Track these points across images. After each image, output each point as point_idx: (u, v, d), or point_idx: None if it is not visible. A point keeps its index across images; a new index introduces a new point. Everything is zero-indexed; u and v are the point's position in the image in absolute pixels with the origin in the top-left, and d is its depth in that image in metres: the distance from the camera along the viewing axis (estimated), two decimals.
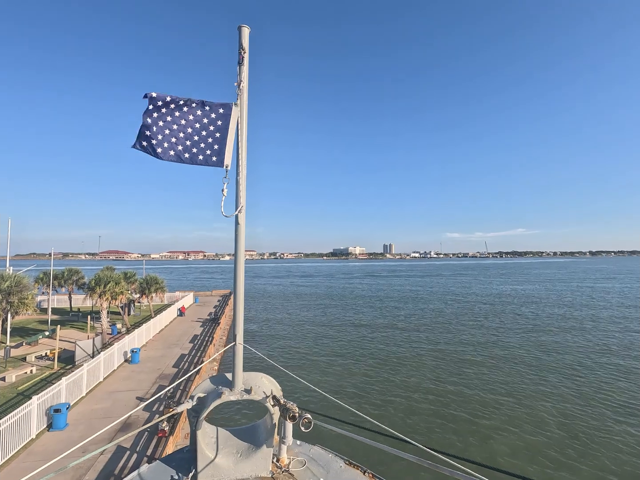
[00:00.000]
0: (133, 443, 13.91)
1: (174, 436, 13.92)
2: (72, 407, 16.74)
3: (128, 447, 13.62)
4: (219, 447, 2.42)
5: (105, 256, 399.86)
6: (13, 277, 24.38)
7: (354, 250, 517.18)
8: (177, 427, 14.60)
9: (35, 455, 13.02)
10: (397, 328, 39.75)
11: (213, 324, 36.86)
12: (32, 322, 37.06)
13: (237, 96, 2.65)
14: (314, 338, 35.32)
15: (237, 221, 2.61)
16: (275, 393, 2.41)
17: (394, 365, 26.76)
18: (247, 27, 2.68)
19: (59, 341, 24.43)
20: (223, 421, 16.61)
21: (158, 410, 16.69)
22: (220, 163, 2.53)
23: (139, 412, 16.70)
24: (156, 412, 16.54)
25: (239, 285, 2.65)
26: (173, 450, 13.46)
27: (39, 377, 21.19)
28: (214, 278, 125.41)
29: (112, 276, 30.36)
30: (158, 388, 19.63)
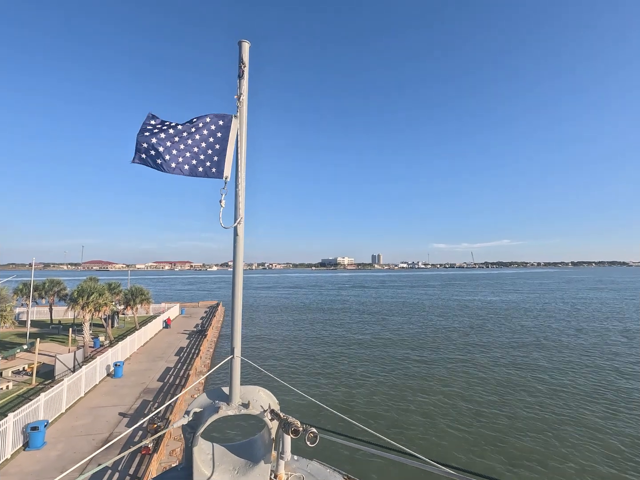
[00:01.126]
0: (115, 461, 13.36)
1: (158, 454, 13.45)
2: (51, 424, 16.05)
3: (110, 466, 13.08)
4: (215, 464, 2.33)
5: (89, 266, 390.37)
6: None
7: (343, 261, 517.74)
8: (162, 445, 14.12)
9: (9, 477, 12.35)
10: (393, 340, 39.66)
11: (200, 336, 36.14)
12: (10, 335, 35.65)
13: (237, 108, 2.68)
14: (304, 351, 34.93)
15: (235, 233, 2.59)
16: (273, 407, 2.34)
17: (390, 376, 26.68)
18: (247, 42, 2.74)
19: (38, 355, 23.54)
20: (219, 436, 16.13)
21: (142, 427, 16.14)
22: (219, 174, 2.53)
23: (122, 428, 16.11)
24: (139, 429, 15.98)
25: (237, 297, 2.60)
26: (157, 468, 12.99)
27: (15, 393, 20.29)
28: (200, 289, 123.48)
29: (95, 287, 29.60)
30: (142, 403, 19.01)
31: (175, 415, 17.04)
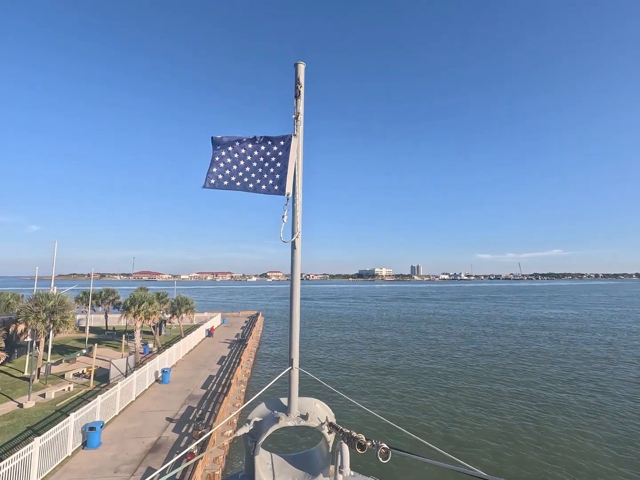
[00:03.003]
0: (162, 465, 13.89)
1: (203, 460, 13.80)
2: (106, 426, 17.08)
3: (157, 469, 13.60)
4: (275, 474, 2.37)
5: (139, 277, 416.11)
6: (57, 296, 25.78)
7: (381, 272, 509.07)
8: (206, 451, 14.49)
9: (71, 473, 13.27)
10: (444, 354, 38.19)
11: (240, 346, 37.00)
12: (71, 340, 38.74)
13: (295, 127, 2.82)
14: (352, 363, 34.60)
15: (294, 246, 2.70)
16: (330, 419, 2.35)
17: (447, 392, 25.85)
18: (302, 63, 2.90)
19: (95, 359, 25.30)
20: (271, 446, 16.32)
21: (187, 432, 16.70)
22: (282, 191, 2.67)
23: (169, 432, 16.78)
24: (185, 434, 16.55)
25: (295, 309, 2.66)
26: (201, 474, 13.32)
27: (75, 394, 21.90)
28: (240, 299, 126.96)
29: (145, 296, 31.47)
30: (187, 409, 19.71)
31: (218, 424, 17.46)
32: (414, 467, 15.23)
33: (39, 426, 17.30)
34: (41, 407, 19.78)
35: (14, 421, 17.96)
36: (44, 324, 24.42)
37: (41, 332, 24.71)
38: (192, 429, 16.58)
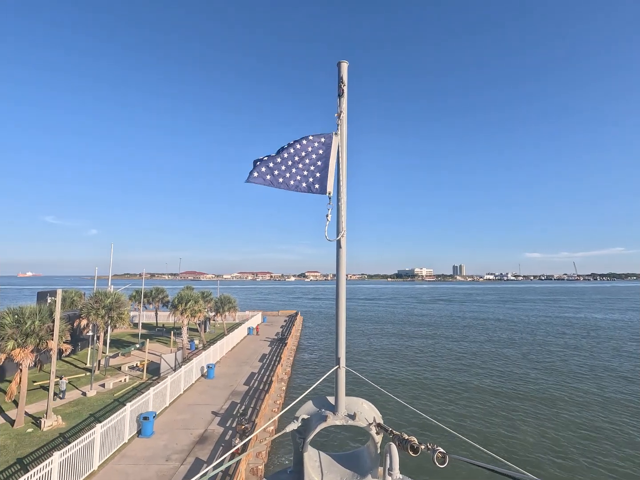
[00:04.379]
0: (209, 457, 14.53)
1: (247, 454, 14.23)
2: (158, 416, 18.15)
3: (205, 461, 14.26)
4: (323, 471, 2.38)
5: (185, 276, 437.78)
6: (113, 294, 27.85)
7: (421, 272, 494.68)
8: (250, 446, 14.92)
9: (127, 459, 14.27)
10: (494, 357, 36.58)
11: (280, 344, 37.72)
12: (126, 335, 41.69)
13: (337, 126, 2.81)
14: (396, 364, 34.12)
15: (339, 245, 2.69)
16: (377, 420, 2.32)
17: (502, 397, 24.95)
18: (345, 62, 2.88)
19: (147, 354, 27.01)
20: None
21: (231, 427, 17.32)
22: (323, 190, 2.67)
23: (214, 426, 17.50)
24: (229, 428, 17.17)
25: (341, 308, 2.66)
26: (245, 468, 13.74)
27: (131, 385, 23.53)
28: (280, 299, 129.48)
29: (191, 295, 33.06)
30: (231, 404, 20.44)
31: (260, 420, 17.93)
32: (469, 474, 14.61)
33: (99, 413, 18.81)
34: (101, 396, 21.49)
35: (78, 408, 19.68)
36: (102, 320, 26.50)
37: (100, 327, 26.85)
38: (236, 424, 17.16)
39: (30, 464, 13.86)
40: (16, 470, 13.55)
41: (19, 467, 13.73)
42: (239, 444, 14.74)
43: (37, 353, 18.39)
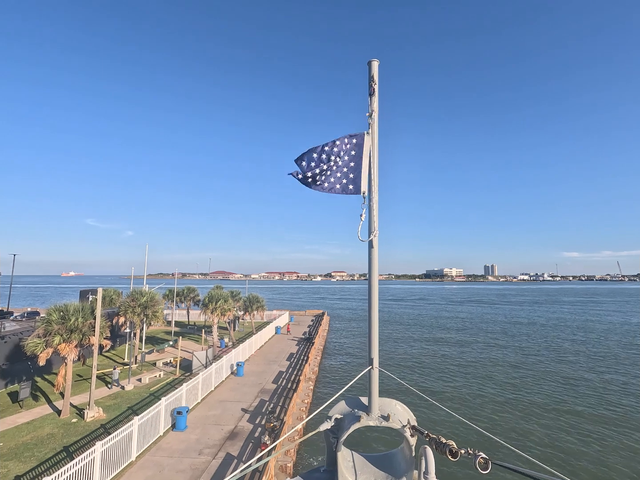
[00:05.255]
0: (239, 453, 14.86)
1: (276, 451, 14.40)
2: (190, 411, 18.77)
3: (235, 456, 14.59)
4: (357, 472, 2.38)
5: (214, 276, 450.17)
6: (149, 293, 29.10)
7: (450, 272, 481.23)
8: (279, 443, 15.11)
9: (163, 451, 14.87)
10: (533, 361, 35.12)
11: (307, 344, 37.94)
12: (160, 332, 43.44)
13: (369, 125, 2.81)
14: (428, 365, 33.53)
15: (371, 245, 2.69)
16: (412, 422, 2.29)
17: (544, 401, 23.88)
18: (376, 61, 2.88)
19: (180, 350, 28.01)
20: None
21: (260, 424, 17.62)
22: (357, 191, 2.68)
23: (244, 422, 17.88)
24: (259, 425, 17.48)
25: (373, 308, 2.66)
26: (274, 465, 13.93)
27: (165, 381, 24.49)
28: (306, 298, 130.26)
29: (221, 294, 33.97)
30: (260, 402, 20.80)
31: (289, 418, 18.12)
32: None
33: (137, 406, 19.71)
34: (138, 390, 22.51)
35: (117, 401, 20.72)
36: (139, 318, 27.76)
37: (137, 324, 28.13)
38: (265, 421, 17.42)
39: (75, 452, 14.75)
40: (63, 457, 14.47)
41: (66, 455, 14.65)
42: (269, 440, 14.97)
43: (80, 348, 19.56)
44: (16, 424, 17.43)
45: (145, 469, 13.52)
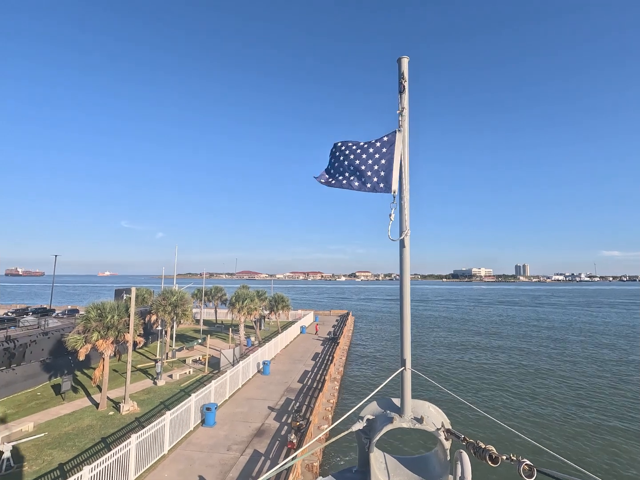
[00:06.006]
0: (266, 450, 15.08)
1: (302, 451, 14.50)
2: (219, 408, 19.25)
3: (262, 453, 14.82)
4: (390, 474, 2.37)
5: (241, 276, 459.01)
6: (178, 292, 30.11)
7: (479, 272, 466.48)
8: (305, 442, 15.22)
9: (193, 446, 15.33)
10: (574, 368, 33.23)
11: (332, 343, 37.94)
12: (189, 331, 44.81)
13: (399, 123, 2.78)
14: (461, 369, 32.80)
15: (402, 244, 2.66)
16: (446, 425, 2.25)
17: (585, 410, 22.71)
18: (406, 57, 2.84)
19: (208, 348, 28.78)
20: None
21: (286, 422, 17.80)
22: (387, 189, 2.65)
23: (271, 420, 18.13)
24: (285, 424, 17.67)
25: (406, 308, 2.63)
26: (300, 463, 14.03)
27: (194, 377, 25.25)
28: (330, 298, 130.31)
29: (248, 294, 34.59)
30: (286, 400, 21.01)
31: (314, 417, 18.20)
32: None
33: (168, 402, 20.45)
34: (169, 386, 23.34)
35: (150, 396, 21.57)
36: (169, 316, 28.79)
37: (168, 322, 29.18)
38: (291, 420, 17.59)
39: (112, 443, 15.50)
40: (101, 448, 15.24)
41: (104, 445, 15.42)
42: (295, 438, 15.09)
43: (116, 344, 20.52)
44: (59, 415, 18.54)
45: (177, 462, 13.99)
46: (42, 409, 19.31)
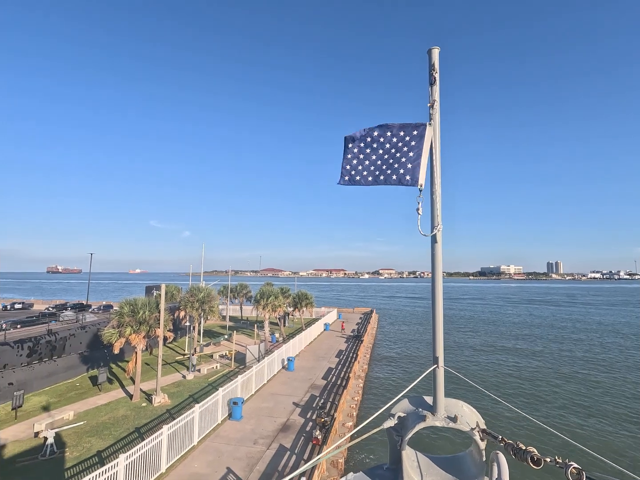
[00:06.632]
0: (292, 445, 15.27)
1: (327, 446, 14.61)
2: (245, 402, 19.66)
3: (288, 448, 15.02)
4: (422, 472, 2.34)
5: (264, 273, 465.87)
6: (205, 289, 30.93)
7: (508, 270, 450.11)
8: (329, 438, 15.30)
9: (221, 438, 15.75)
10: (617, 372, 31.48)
11: (356, 341, 37.82)
12: (216, 327, 45.97)
13: (430, 116, 2.71)
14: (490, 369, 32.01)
15: (434, 240, 2.61)
16: (481, 425, 2.19)
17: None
18: (437, 48, 2.75)
19: (234, 344, 29.41)
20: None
21: (311, 418, 17.94)
22: (414, 182, 2.58)
23: (295, 416, 18.33)
24: (309, 420, 17.81)
25: (438, 305, 2.58)
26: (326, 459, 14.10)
27: (221, 372, 25.90)
28: (354, 296, 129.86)
29: (272, 291, 35.05)
30: (310, 397, 21.17)
31: (339, 414, 18.24)
32: None
33: (197, 395, 21.10)
34: (197, 380, 24.06)
35: (180, 389, 22.33)
36: (197, 312, 29.64)
37: (195, 318, 30.06)
38: (315, 416, 17.71)
39: (145, 433, 16.18)
40: (135, 437, 15.95)
41: (137, 435, 16.13)
42: (320, 434, 15.17)
43: (147, 339, 21.36)
44: (96, 405, 19.55)
45: (206, 454, 14.42)
46: (81, 399, 20.43)
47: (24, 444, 15.36)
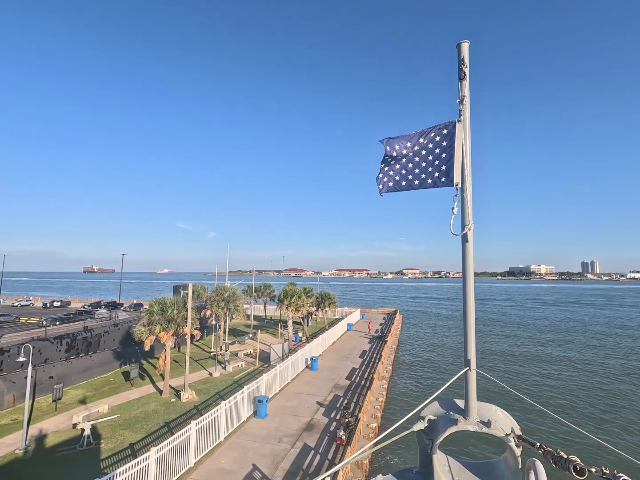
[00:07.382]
0: (316, 444, 15.31)
1: (351, 446, 14.55)
2: (269, 401, 19.90)
3: (312, 447, 15.07)
4: (454, 477, 2.29)
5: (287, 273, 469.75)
6: (230, 289, 31.55)
7: (539, 269, 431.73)
8: (353, 439, 15.23)
9: (247, 435, 16.02)
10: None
11: (380, 342, 37.45)
12: (240, 325, 46.78)
13: (460, 112, 2.65)
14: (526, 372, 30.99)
15: (465, 239, 2.56)
16: (516, 431, 2.11)
17: None
18: (466, 42, 2.68)
19: (259, 343, 29.84)
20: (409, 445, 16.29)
21: (335, 418, 17.92)
22: (450, 182, 2.57)
23: (319, 415, 18.37)
24: (333, 420, 17.80)
25: (469, 306, 2.52)
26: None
27: (246, 370, 26.34)
28: (377, 296, 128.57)
29: (295, 291, 35.28)
30: (334, 397, 21.15)
31: (363, 415, 18.13)
32: None
33: (223, 392, 21.56)
34: (223, 377, 24.59)
35: (206, 386, 22.90)
36: (222, 311, 30.29)
37: (221, 317, 30.73)
38: (339, 416, 17.68)
39: (174, 427, 16.71)
40: (165, 431, 16.51)
41: (167, 429, 16.68)
42: (344, 435, 15.12)
43: (175, 336, 22.04)
44: (128, 400, 20.38)
45: (232, 450, 14.71)
46: (114, 393, 21.37)
47: (64, 435, 16.23)
